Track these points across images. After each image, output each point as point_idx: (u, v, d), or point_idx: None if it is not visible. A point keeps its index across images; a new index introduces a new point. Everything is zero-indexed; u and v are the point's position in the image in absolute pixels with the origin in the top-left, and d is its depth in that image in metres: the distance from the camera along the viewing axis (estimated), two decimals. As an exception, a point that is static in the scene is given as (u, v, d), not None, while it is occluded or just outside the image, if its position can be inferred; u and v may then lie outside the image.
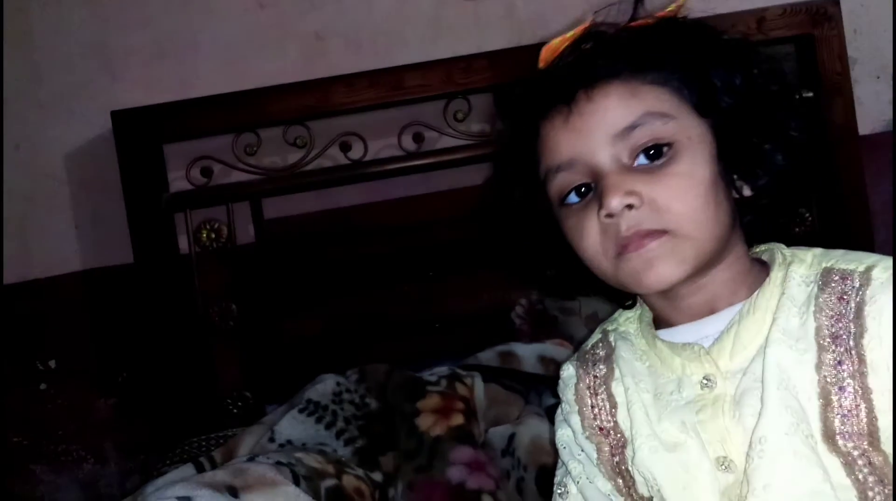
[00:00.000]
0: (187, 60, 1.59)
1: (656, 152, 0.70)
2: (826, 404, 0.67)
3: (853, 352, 0.67)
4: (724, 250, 0.73)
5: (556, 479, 0.84)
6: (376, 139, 1.55)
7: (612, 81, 0.71)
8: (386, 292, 1.55)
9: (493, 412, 1.20)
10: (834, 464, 0.67)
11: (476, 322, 1.49)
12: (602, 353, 0.82)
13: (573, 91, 0.72)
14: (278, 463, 0.94)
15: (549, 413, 1.06)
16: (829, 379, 0.67)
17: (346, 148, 1.53)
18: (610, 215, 0.69)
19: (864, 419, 0.66)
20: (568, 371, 0.85)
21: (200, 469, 1.08)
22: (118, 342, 1.61)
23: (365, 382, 1.18)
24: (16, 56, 1.58)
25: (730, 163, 0.73)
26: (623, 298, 0.82)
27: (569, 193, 0.73)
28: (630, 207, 0.69)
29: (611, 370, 0.80)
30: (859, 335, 0.67)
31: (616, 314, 0.85)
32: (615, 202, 0.68)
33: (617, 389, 0.79)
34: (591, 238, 0.72)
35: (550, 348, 1.34)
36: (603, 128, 0.71)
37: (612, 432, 0.78)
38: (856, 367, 0.67)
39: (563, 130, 0.72)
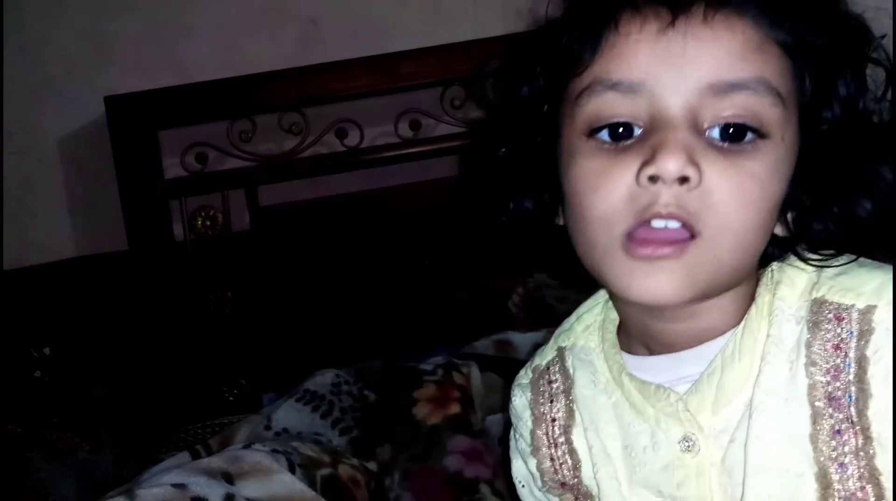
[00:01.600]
0: (182, 45, 1.57)
1: (736, 134, 0.53)
2: (825, 487, 0.54)
3: (856, 424, 0.53)
4: (736, 282, 0.58)
5: None
6: (373, 126, 1.54)
7: (743, 16, 0.53)
8: (382, 280, 1.55)
9: (490, 401, 1.20)
10: None
11: (472, 311, 1.49)
12: (558, 383, 0.67)
13: None
14: (274, 451, 0.94)
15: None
16: (827, 453, 0.54)
17: (342, 135, 1.52)
18: (655, 179, 0.51)
19: None
20: (520, 401, 0.70)
21: (196, 456, 1.08)
22: (113, 329, 1.61)
23: (362, 379, 1.18)
24: (8, 41, 1.56)
25: (795, 192, 0.56)
26: (585, 278, 0.60)
27: (604, 125, 0.54)
28: (684, 180, 0.51)
29: (570, 414, 0.66)
30: (863, 402, 0.53)
31: (573, 319, 0.69)
32: (673, 165, 0.50)
33: (579, 442, 0.65)
34: (610, 198, 0.53)
35: (547, 336, 1.33)
36: (705, 67, 0.52)
37: (576, 487, 0.66)
38: (860, 444, 0.53)
39: (652, 41, 0.53)
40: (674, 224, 0.52)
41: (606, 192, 0.53)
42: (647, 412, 0.60)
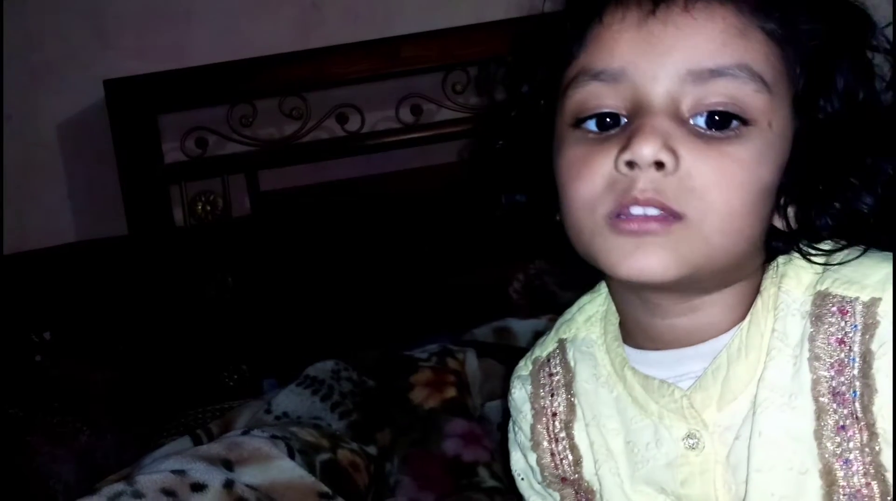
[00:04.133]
0: (181, 29, 1.56)
1: (722, 122, 0.52)
2: (830, 483, 0.53)
3: (861, 420, 0.52)
4: (735, 274, 0.56)
5: None
6: (373, 111, 1.53)
7: (725, 2, 0.53)
8: (382, 265, 1.55)
9: (489, 387, 1.20)
10: None
11: (472, 297, 1.49)
12: (559, 376, 0.66)
13: None
14: (273, 437, 0.94)
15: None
16: (831, 449, 0.53)
17: (342, 120, 1.51)
18: (631, 164, 0.52)
19: (878, 499, 0.52)
20: (520, 393, 0.68)
21: (197, 441, 1.08)
22: (114, 314, 1.61)
23: (360, 367, 1.18)
24: (7, 24, 1.55)
25: (793, 185, 0.55)
26: (585, 270, 0.59)
27: (590, 116, 0.55)
28: (660, 166, 0.51)
29: (571, 409, 0.64)
30: (867, 398, 0.52)
31: (574, 310, 0.68)
32: (647, 150, 0.51)
33: (580, 437, 0.64)
34: (591, 184, 0.53)
35: (547, 324, 1.33)
36: (684, 54, 0.52)
37: (577, 483, 0.65)
38: (864, 440, 0.52)
39: (633, 30, 0.54)
40: (652, 211, 0.52)
41: (588, 179, 0.54)
42: (650, 408, 0.59)
